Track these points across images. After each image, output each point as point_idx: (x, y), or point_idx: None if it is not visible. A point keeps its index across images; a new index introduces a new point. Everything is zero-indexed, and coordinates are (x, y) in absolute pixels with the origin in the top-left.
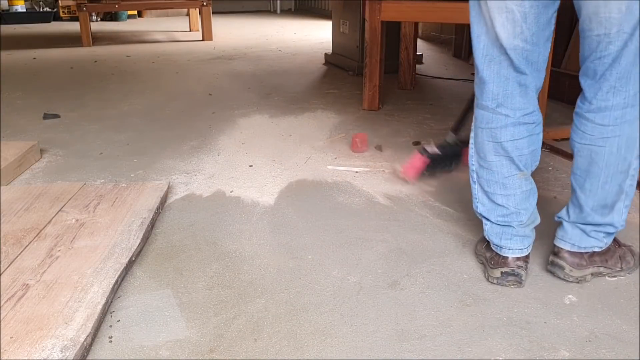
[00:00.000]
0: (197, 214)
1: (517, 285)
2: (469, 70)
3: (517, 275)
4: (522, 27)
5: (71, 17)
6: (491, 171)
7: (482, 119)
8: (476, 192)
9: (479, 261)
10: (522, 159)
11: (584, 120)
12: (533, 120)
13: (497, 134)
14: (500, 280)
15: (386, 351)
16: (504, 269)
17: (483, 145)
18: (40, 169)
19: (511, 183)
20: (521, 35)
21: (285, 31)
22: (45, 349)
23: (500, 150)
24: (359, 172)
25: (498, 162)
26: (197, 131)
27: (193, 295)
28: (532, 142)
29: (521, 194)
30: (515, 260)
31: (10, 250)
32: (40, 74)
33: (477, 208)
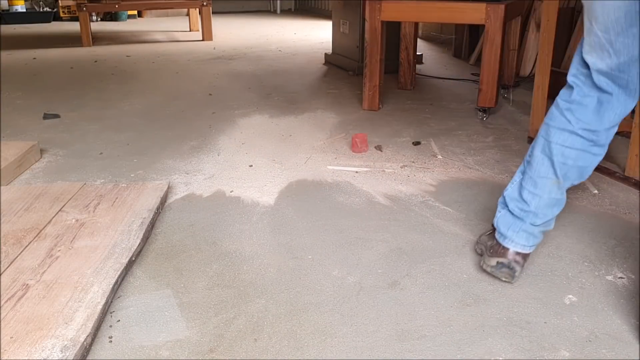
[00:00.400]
0: (197, 214)
1: (507, 279)
2: (469, 70)
3: (511, 268)
4: (609, 51)
5: (71, 17)
6: (531, 165)
7: (550, 113)
8: (515, 177)
9: (478, 250)
10: (563, 168)
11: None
12: (593, 139)
13: (551, 133)
14: (494, 269)
15: (386, 351)
16: (500, 259)
17: (538, 139)
18: (40, 169)
19: (542, 184)
20: (607, 60)
21: (285, 31)
22: (45, 349)
23: (546, 149)
24: (359, 172)
25: (539, 159)
26: (197, 131)
27: (193, 295)
28: (582, 158)
29: (548, 199)
30: (515, 254)
31: (10, 250)
32: (40, 74)
33: (506, 189)
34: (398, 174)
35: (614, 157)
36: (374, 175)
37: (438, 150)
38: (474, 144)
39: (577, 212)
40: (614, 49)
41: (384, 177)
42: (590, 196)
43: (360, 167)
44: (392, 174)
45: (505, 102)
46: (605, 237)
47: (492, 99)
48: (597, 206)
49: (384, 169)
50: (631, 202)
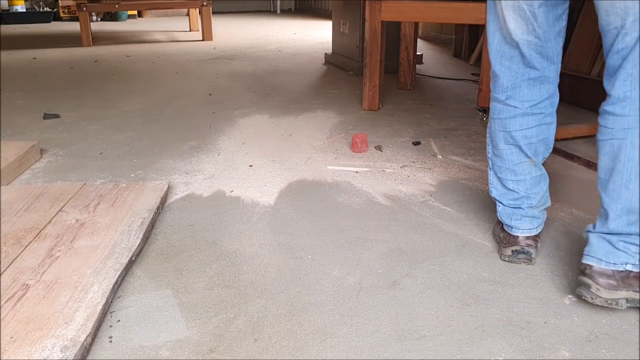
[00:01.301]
0: (197, 214)
1: (527, 263)
2: (469, 70)
3: (526, 253)
4: (533, 24)
5: (71, 17)
6: (502, 158)
7: (494, 110)
8: (491, 178)
9: (495, 241)
10: (530, 147)
11: (605, 115)
12: (542, 110)
13: (506, 124)
14: (511, 257)
15: (386, 351)
16: (514, 248)
17: (495, 135)
18: (40, 169)
19: (520, 169)
20: (533, 32)
21: (285, 31)
22: (45, 349)
23: (509, 139)
24: (358, 172)
25: (508, 150)
26: (197, 131)
27: (193, 295)
28: (542, 131)
29: (531, 180)
30: (525, 239)
31: (10, 250)
32: (40, 74)
33: (491, 192)
34: (398, 174)
35: None
36: (374, 175)
37: (438, 150)
38: (474, 144)
39: (577, 213)
40: (537, 22)
41: (384, 177)
42: (589, 197)
43: (360, 167)
44: (392, 174)
45: None
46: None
47: None
48: (597, 206)
49: (384, 169)
50: None
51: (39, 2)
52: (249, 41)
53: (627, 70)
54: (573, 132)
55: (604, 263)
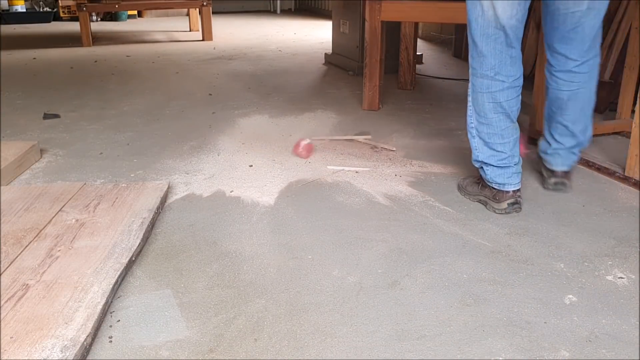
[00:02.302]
0: (197, 214)
1: (518, 211)
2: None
3: (519, 203)
4: (517, 9)
5: (71, 17)
6: (491, 125)
7: (482, 85)
8: (476, 144)
9: (475, 200)
10: (513, 113)
11: (571, 74)
12: (519, 84)
13: (496, 96)
14: (508, 209)
15: (386, 351)
16: (509, 201)
17: (484, 106)
18: (40, 169)
19: (507, 133)
20: (516, 16)
21: (285, 31)
22: (45, 349)
23: (499, 109)
24: (359, 172)
25: (496, 118)
26: (197, 131)
27: (193, 295)
28: (519, 100)
29: (513, 141)
30: (515, 192)
31: (10, 250)
32: (40, 74)
33: (477, 157)
34: (398, 174)
35: (614, 157)
36: (374, 175)
37: (438, 150)
38: None
39: (577, 212)
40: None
41: (384, 177)
42: (589, 196)
43: (360, 167)
44: (392, 174)
45: None
46: (605, 237)
47: None
48: (597, 206)
49: (384, 169)
50: (631, 202)
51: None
52: (249, 41)
53: (588, 43)
54: None
55: (568, 167)
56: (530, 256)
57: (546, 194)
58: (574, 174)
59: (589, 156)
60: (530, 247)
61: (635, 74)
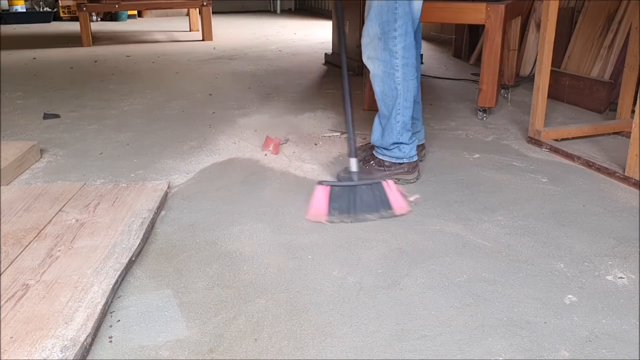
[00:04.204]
0: (197, 214)
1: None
2: (469, 70)
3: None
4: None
5: (71, 17)
6: (408, 104)
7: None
8: (400, 129)
9: (395, 180)
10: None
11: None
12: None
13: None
14: (418, 176)
15: (386, 351)
16: (418, 169)
17: (408, 86)
18: (40, 169)
19: (415, 110)
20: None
21: (285, 31)
22: (45, 349)
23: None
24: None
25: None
26: (197, 131)
27: (193, 295)
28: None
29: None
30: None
31: (10, 250)
32: (40, 74)
33: (398, 139)
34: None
35: (614, 157)
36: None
37: (438, 150)
38: (474, 143)
39: (577, 212)
40: None
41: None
42: (589, 196)
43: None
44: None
45: (505, 102)
46: (605, 237)
47: (492, 99)
48: (597, 206)
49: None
50: (631, 202)
51: (39, 2)
52: (249, 41)
53: None
54: (573, 132)
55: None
56: (530, 256)
57: (546, 193)
58: (572, 173)
59: (589, 156)
60: (530, 247)
61: (635, 74)
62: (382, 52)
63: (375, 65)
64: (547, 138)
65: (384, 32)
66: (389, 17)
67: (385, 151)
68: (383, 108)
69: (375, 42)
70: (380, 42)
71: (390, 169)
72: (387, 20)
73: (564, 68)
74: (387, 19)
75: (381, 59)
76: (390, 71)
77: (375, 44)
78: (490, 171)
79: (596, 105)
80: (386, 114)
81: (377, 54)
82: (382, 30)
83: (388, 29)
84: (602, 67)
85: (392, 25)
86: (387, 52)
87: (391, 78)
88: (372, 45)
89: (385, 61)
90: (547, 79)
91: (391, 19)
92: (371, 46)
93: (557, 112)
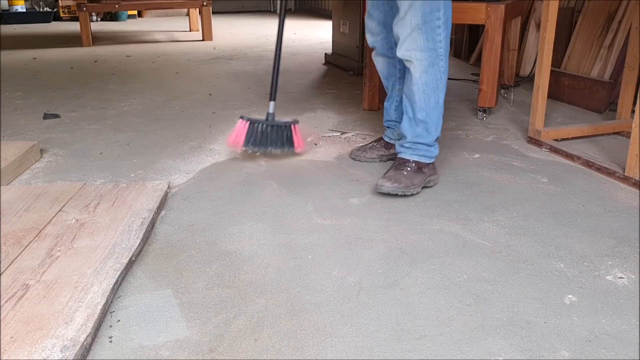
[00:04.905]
0: (197, 214)
1: None
2: (469, 70)
3: None
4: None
5: (71, 17)
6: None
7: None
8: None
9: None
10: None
11: None
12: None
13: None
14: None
15: (386, 351)
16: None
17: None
18: (40, 169)
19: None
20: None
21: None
22: (45, 349)
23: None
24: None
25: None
26: (197, 131)
27: (193, 295)
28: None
29: None
30: None
31: (10, 250)
32: (40, 74)
33: (439, 134)
34: None
35: (614, 157)
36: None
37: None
38: (474, 143)
39: (577, 212)
40: None
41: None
42: (589, 196)
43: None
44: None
45: (505, 102)
46: (605, 237)
47: (492, 99)
48: (597, 206)
49: (383, 169)
50: (631, 202)
51: (39, 2)
52: (249, 41)
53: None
54: (573, 132)
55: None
56: (530, 256)
57: (546, 193)
58: (572, 173)
59: (589, 156)
60: (530, 247)
61: (635, 74)
62: (425, 42)
63: (417, 56)
64: (547, 138)
65: (426, 22)
66: (433, 7)
67: (427, 148)
68: (422, 101)
69: (415, 33)
70: (421, 32)
71: (427, 172)
72: (431, 10)
73: (564, 68)
74: (430, 9)
75: (425, 49)
76: (435, 60)
77: (415, 35)
78: (490, 171)
79: (596, 105)
80: (428, 106)
81: (418, 44)
82: (424, 20)
83: (431, 18)
84: (602, 67)
85: (436, 14)
86: (430, 41)
87: (436, 68)
88: (412, 37)
89: (430, 50)
90: (547, 79)
91: (434, 7)
92: (410, 38)
93: (557, 112)
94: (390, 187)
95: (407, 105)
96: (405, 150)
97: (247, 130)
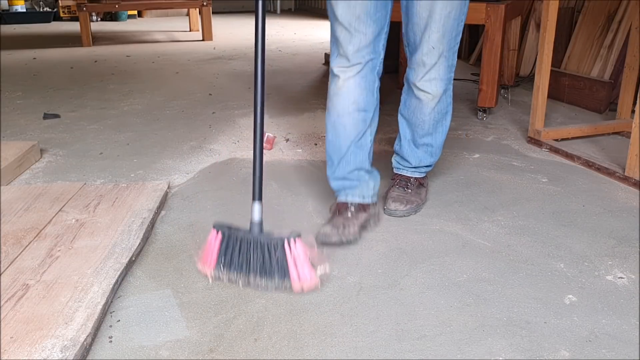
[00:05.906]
0: (197, 214)
1: None
2: (469, 70)
3: None
4: None
5: (71, 17)
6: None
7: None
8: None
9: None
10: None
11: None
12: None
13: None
14: None
15: (386, 351)
16: None
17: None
18: (40, 169)
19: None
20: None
21: (285, 31)
22: (45, 349)
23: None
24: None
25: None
26: (197, 131)
27: (193, 295)
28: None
29: None
30: None
31: (10, 250)
32: (40, 74)
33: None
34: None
35: (614, 157)
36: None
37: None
38: (474, 143)
39: (577, 212)
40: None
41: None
42: (589, 196)
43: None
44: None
45: (505, 102)
46: (605, 237)
47: (492, 99)
48: (597, 206)
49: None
50: (631, 202)
51: (39, 2)
52: (249, 41)
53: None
54: (573, 132)
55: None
56: (530, 256)
57: (546, 193)
58: (572, 173)
59: (589, 156)
60: (530, 247)
61: (635, 74)
62: (445, 69)
63: (435, 86)
64: (547, 138)
65: (450, 48)
66: (458, 31)
67: (428, 168)
68: (431, 127)
69: (441, 61)
70: (444, 59)
71: (425, 183)
72: (457, 34)
73: (564, 68)
74: (456, 33)
75: (443, 78)
76: (447, 86)
77: (440, 62)
78: (490, 171)
79: (596, 105)
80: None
81: (440, 73)
82: (449, 46)
83: (454, 44)
84: (602, 67)
85: (457, 38)
86: (448, 68)
87: (447, 94)
88: (437, 65)
89: (446, 79)
90: (547, 79)
91: (457, 31)
92: (436, 67)
93: (557, 112)
94: (404, 210)
95: (406, 130)
96: (406, 170)
97: (219, 246)
